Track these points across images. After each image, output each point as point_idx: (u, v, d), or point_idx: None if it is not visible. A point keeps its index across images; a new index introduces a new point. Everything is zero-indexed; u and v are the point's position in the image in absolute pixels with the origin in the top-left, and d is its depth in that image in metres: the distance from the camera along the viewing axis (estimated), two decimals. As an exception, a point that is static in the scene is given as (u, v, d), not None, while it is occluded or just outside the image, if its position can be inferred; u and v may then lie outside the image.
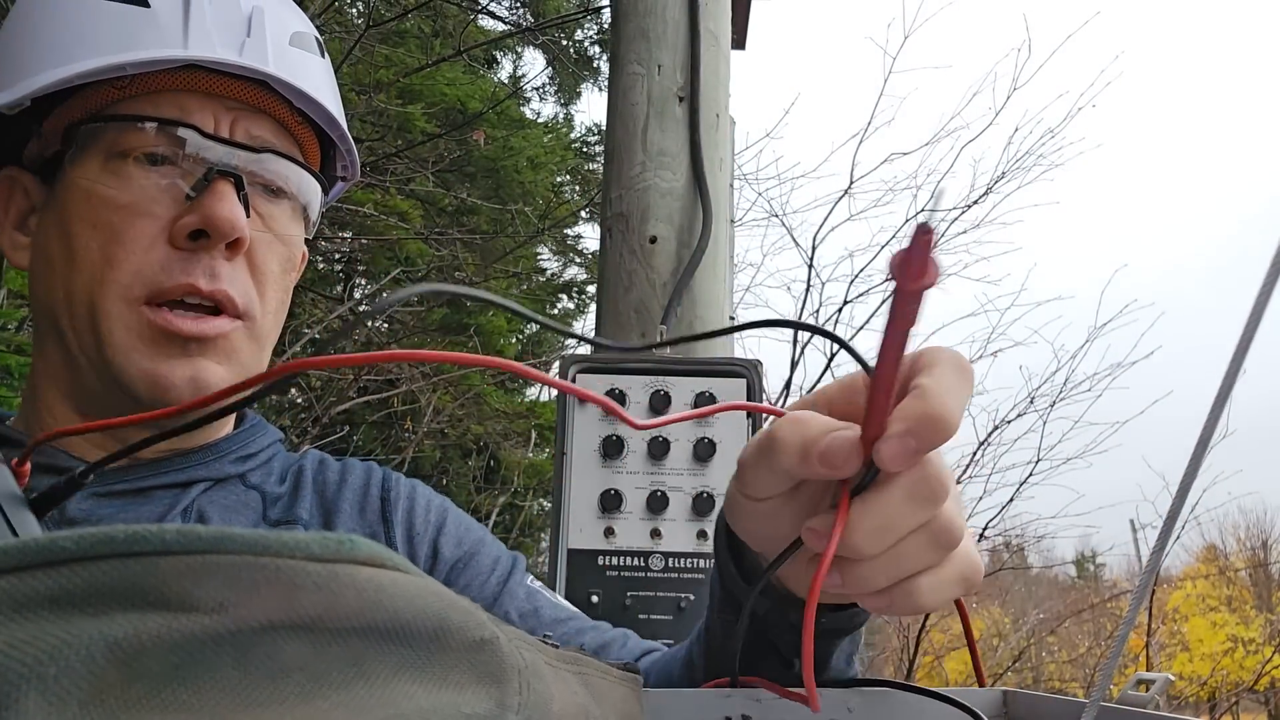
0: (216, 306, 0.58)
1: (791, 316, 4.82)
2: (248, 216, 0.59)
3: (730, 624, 0.51)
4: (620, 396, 1.08)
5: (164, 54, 0.57)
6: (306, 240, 0.69)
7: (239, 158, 0.59)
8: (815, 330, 0.50)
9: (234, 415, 0.70)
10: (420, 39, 5.26)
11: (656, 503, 1.05)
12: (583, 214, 6.32)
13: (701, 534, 1.05)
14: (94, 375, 0.59)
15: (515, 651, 0.27)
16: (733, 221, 1.48)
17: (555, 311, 7.41)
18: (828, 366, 4.82)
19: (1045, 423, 4.94)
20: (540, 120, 6.85)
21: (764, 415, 1.04)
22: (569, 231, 7.03)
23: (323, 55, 0.67)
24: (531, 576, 0.71)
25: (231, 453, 0.66)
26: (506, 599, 0.67)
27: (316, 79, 0.64)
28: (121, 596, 0.19)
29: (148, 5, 0.58)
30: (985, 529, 5.01)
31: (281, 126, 0.63)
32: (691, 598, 1.03)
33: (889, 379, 0.36)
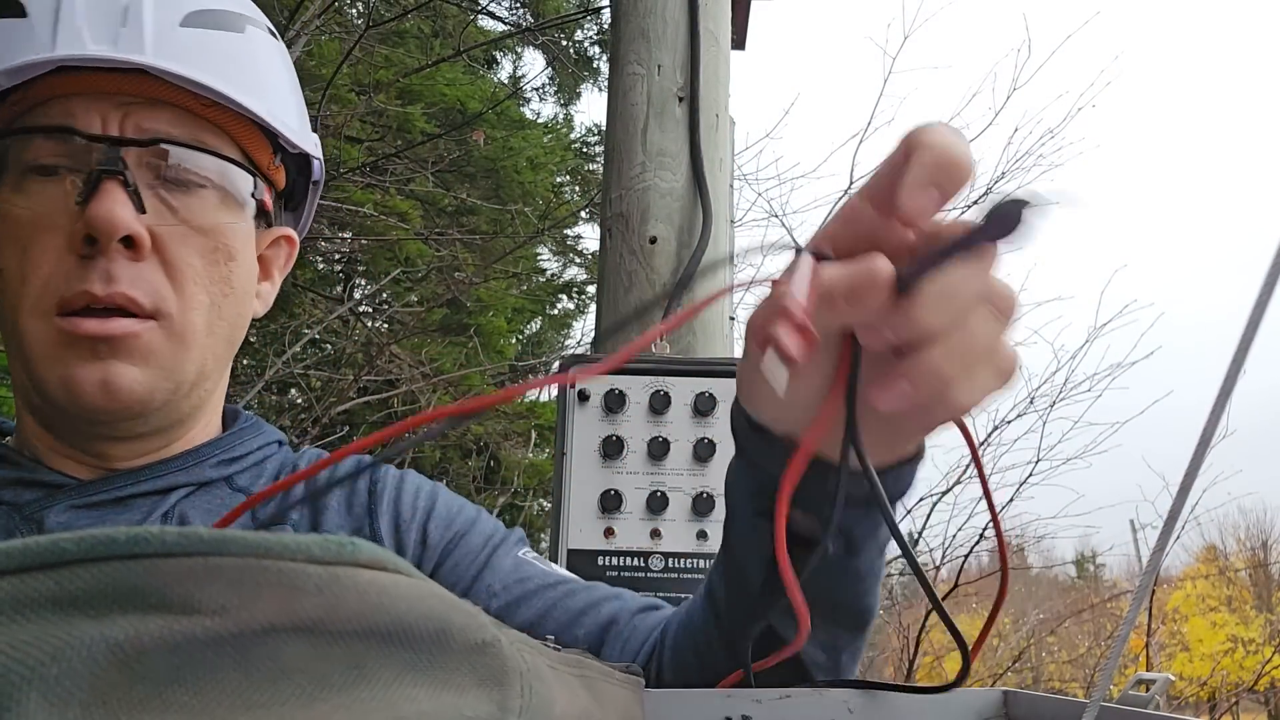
0: (123, 309, 0.56)
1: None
2: (142, 212, 0.57)
3: (757, 526, 0.49)
4: (620, 397, 1.08)
5: (28, 58, 0.55)
6: (311, 235, 0.67)
7: (130, 155, 0.57)
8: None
9: (217, 418, 0.69)
10: (420, 39, 5.26)
11: (656, 503, 1.05)
12: (583, 214, 6.32)
13: (701, 534, 1.05)
14: (33, 390, 0.59)
15: (517, 654, 0.27)
16: (733, 222, 1.48)
17: (555, 312, 7.41)
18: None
19: (1045, 423, 4.94)
20: (540, 120, 6.85)
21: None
22: (569, 232, 7.03)
23: (239, 29, 0.62)
24: (528, 549, 0.70)
25: (213, 456, 0.65)
26: (489, 573, 0.66)
27: (216, 58, 0.59)
28: (123, 598, 0.19)
29: (25, 14, 0.57)
30: (985, 529, 5.01)
31: (190, 114, 0.60)
32: (692, 598, 1.03)
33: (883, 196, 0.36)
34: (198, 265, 0.59)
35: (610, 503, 1.05)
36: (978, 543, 5.08)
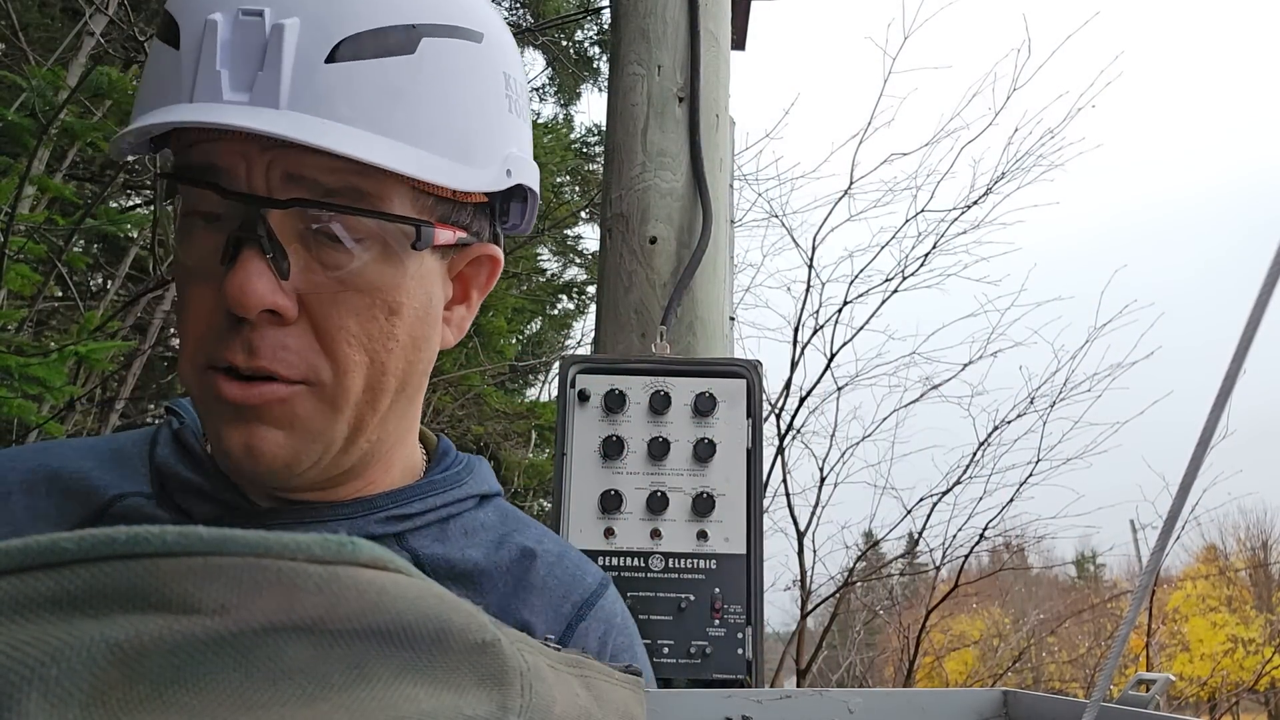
0: (270, 374, 0.53)
1: (792, 317, 4.81)
2: (285, 278, 0.52)
3: None
4: (620, 397, 1.08)
5: (165, 118, 0.50)
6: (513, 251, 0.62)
7: (272, 214, 0.52)
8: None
9: (406, 464, 0.65)
10: (420, 39, 5.25)
11: (656, 503, 1.05)
12: (583, 214, 6.32)
13: (701, 534, 1.05)
14: None
15: (517, 654, 0.27)
16: (733, 222, 1.48)
17: (555, 312, 7.42)
18: (827, 367, 4.82)
19: (1045, 423, 4.93)
20: (540, 120, 6.85)
21: (764, 415, 1.03)
22: (569, 232, 7.03)
23: (407, 50, 0.53)
24: None
25: (382, 510, 0.60)
26: None
27: (367, 97, 0.51)
28: (123, 598, 0.19)
29: (177, 46, 0.52)
30: (985, 529, 5.01)
31: (342, 159, 0.52)
32: (692, 598, 1.03)
33: None
34: (352, 325, 0.54)
35: (610, 503, 1.05)
36: (978, 543, 5.08)
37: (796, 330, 4.76)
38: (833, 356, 4.79)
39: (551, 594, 0.63)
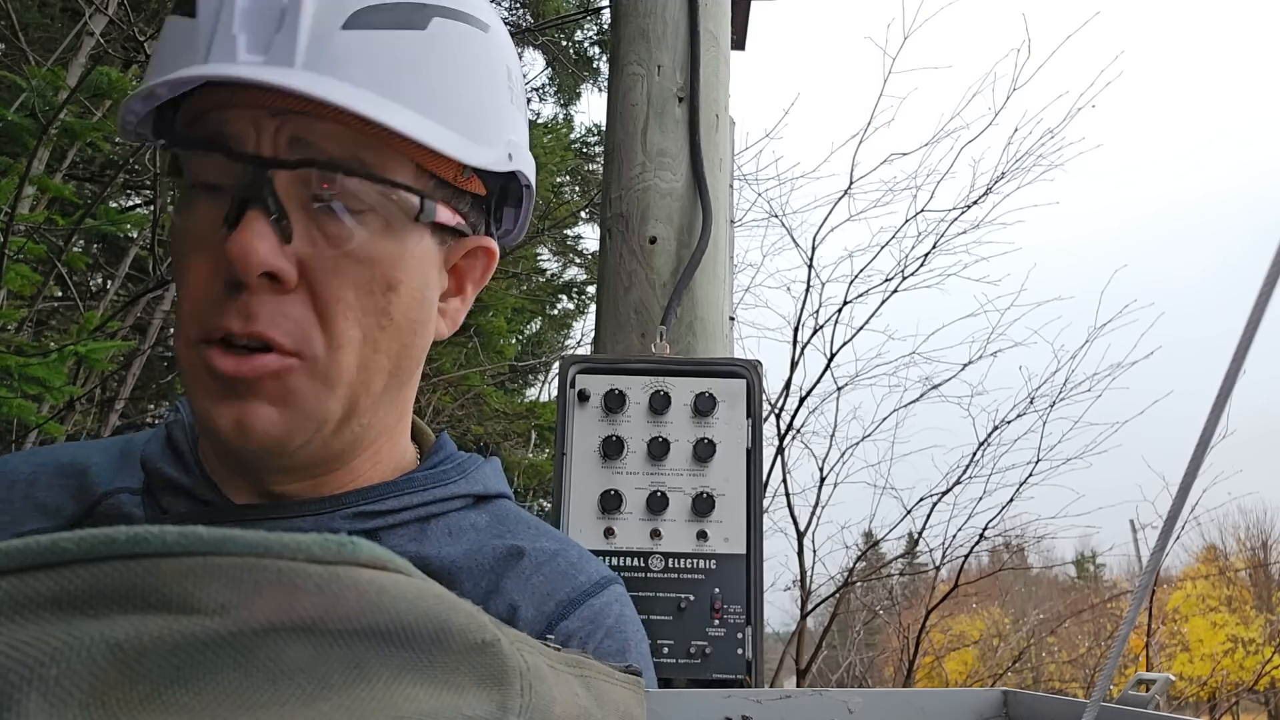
0: (265, 344, 0.52)
1: (792, 317, 4.82)
2: (288, 242, 0.52)
3: None
4: (620, 397, 1.08)
5: (180, 74, 0.50)
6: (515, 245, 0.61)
7: (279, 176, 0.52)
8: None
9: (398, 455, 0.63)
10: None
11: (656, 503, 1.05)
12: (583, 214, 6.32)
13: (701, 534, 1.05)
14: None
15: (517, 654, 0.27)
16: (733, 222, 1.48)
17: (555, 312, 7.42)
18: (827, 367, 4.82)
19: (1045, 423, 4.93)
20: (540, 120, 6.85)
21: (764, 415, 1.03)
22: (569, 232, 7.03)
23: (419, 25, 0.54)
24: None
25: (349, 507, 0.58)
26: None
27: (382, 66, 0.52)
28: (123, 598, 0.19)
29: (194, 14, 0.52)
30: (985, 529, 5.01)
31: (353, 126, 0.53)
32: (692, 598, 1.03)
33: None
34: (350, 298, 0.54)
35: (610, 503, 1.05)
36: (978, 543, 5.08)
37: (796, 330, 4.77)
38: (833, 356, 4.80)
39: (535, 591, 0.61)
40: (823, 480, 4.97)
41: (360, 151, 0.53)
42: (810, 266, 4.76)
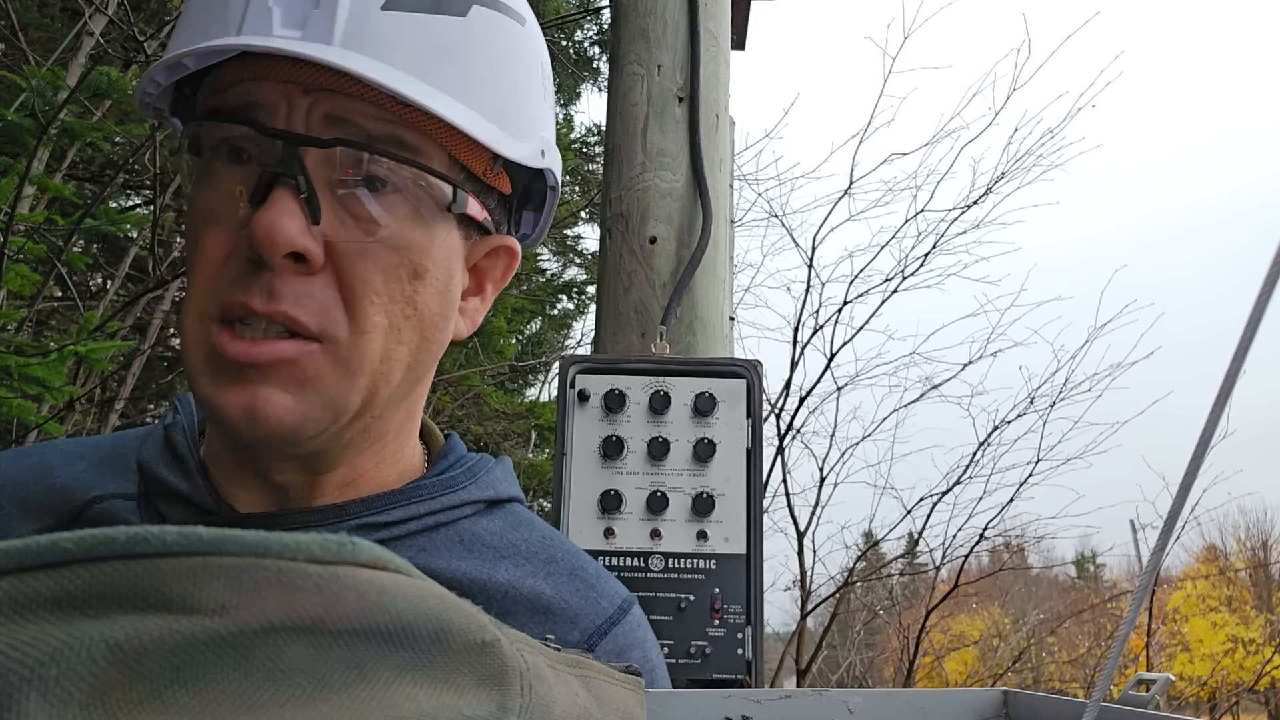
0: (285, 326, 0.50)
1: (792, 317, 4.82)
2: (316, 223, 0.50)
3: None
4: (620, 397, 1.08)
5: (212, 43, 0.48)
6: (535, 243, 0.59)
7: (310, 154, 0.50)
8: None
9: (404, 454, 0.61)
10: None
11: (656, 503, 1.05)
12: (583, 214, 6.32)
13: (701, 534, 1.05)
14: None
15: (517, 654, 0.27)
16: (733, 222, 1.48)
17: (555, 312, 7.42)
18: (827, 367, 4.82)
19: (1045, 423, 4.94)
20: (540, 120, 6.84)
21: (764, 415, 1.03)
22: (569, 231, 7.03)
23: (459, 12, 0.53)
24: None
25: (354, 517, 0.56)
26: None
27: (421, 49, 0.51)
28: (123, 598, 0.19)
29: None
30: (985, 529, 5.01)
31: (388, 109, 0.51)
32: (691, 598, 1.03)
33: None
34: (376, 283, 0.52)
35: (610, 503, 1.05)
36: (978, 543, 5.08)
37: (796, 330, 4.77)
38: (832, 356, 4.80)
39: (556, 621, 0.58)
40: (823, 480, 4.97)
41: (399, 131, 0.52)
42: (810, 266, 4.77)
